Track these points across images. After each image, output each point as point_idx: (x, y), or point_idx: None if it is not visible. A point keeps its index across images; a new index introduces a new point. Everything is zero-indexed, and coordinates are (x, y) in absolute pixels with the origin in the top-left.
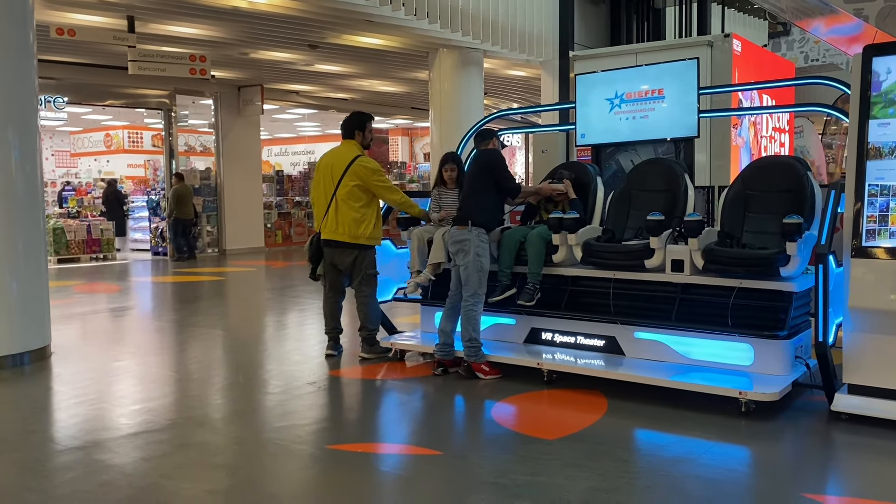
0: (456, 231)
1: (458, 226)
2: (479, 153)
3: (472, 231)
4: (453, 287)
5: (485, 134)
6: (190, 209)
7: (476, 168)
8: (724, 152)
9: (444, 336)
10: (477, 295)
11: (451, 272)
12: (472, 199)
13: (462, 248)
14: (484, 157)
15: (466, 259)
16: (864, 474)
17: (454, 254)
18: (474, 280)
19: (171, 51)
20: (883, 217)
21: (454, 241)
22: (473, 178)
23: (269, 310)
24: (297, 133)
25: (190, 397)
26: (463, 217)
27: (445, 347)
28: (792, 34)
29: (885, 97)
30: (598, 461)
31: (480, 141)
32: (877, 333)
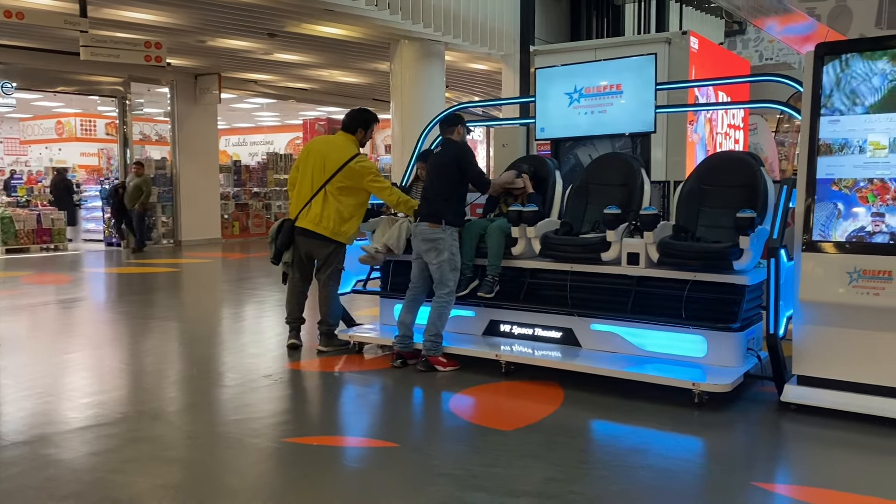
0: (427, 229)
1: (428, 223)
2: (446, 146)
3: (445, 230)
4: (415, 279)
5: (451, 120)
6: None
7: (443, 162)
8: (681, 148)
9: (405, 328)
10: (452, 293)
11: (413, 265)
12: (442, 195)
13: (435, 247)
14: (451, 151)
15: (440, 258)
16: (811, 463)
17: (424, 251)
18: (449, 278)
19: (126, 37)
20: (832, 212)
21: (425, 239)
22: (441, 173)
23: (226, 302)
24: (256, 123)
25: (143, 390)
26: (434, 215)
27: (405, 339)
28: (748, 33)
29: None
30: (554, 452)
31: (446, 128)
32: (826, 326)
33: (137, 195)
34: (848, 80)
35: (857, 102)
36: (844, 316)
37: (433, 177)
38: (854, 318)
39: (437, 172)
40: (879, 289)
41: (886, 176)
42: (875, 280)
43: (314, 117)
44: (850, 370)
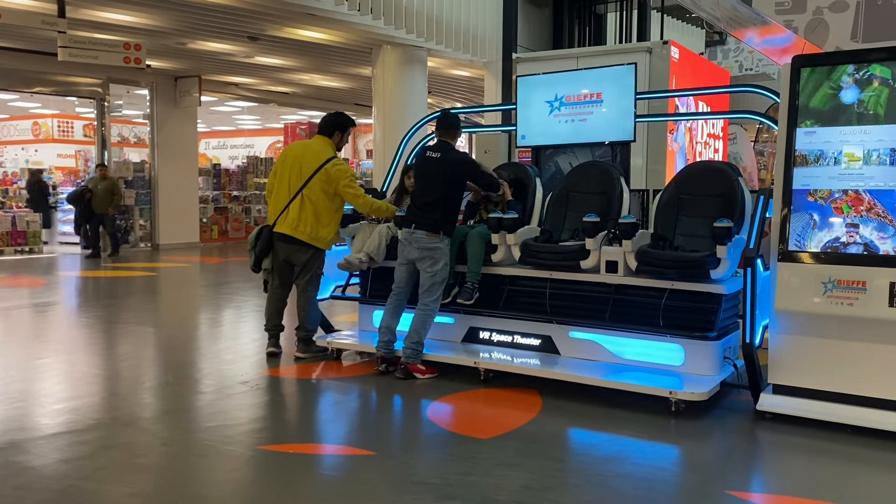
0: (426, 238)
1: (427, 232)
2: (446, 155)
3: (443, 240)
4: (402, 284)
5: (452, 122)
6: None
7: (445, 171)
8: (660, 157)
9: (389, 333)
10: (438, 301)
11: (398, 270)
12: (442, 205)
13: (432, 256)
14: (455, 161)
15: (435, 267)
16: (786, 472)
17: (418, 259)
18: (438, 288)
19: (105, 38)
20: (807, 222)
21: (422, 248)
22: (441, 182)
23: (203, 307)
24: (236, 126)
25: (117, 396)
26: (433, 225)
27: (389, 345)
28: (728, 43)
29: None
30: (531, 460)
31: (445, 130)
32: (801, 335)
33: (109, 199)
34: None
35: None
36: (819, 326)
37: (431, 184)
38: (829, 328)
39: (438, 181)
40: (853, 299)
41: (860, 187)
42: (849, 290)
43: (295, 121)
44: (825, 379)
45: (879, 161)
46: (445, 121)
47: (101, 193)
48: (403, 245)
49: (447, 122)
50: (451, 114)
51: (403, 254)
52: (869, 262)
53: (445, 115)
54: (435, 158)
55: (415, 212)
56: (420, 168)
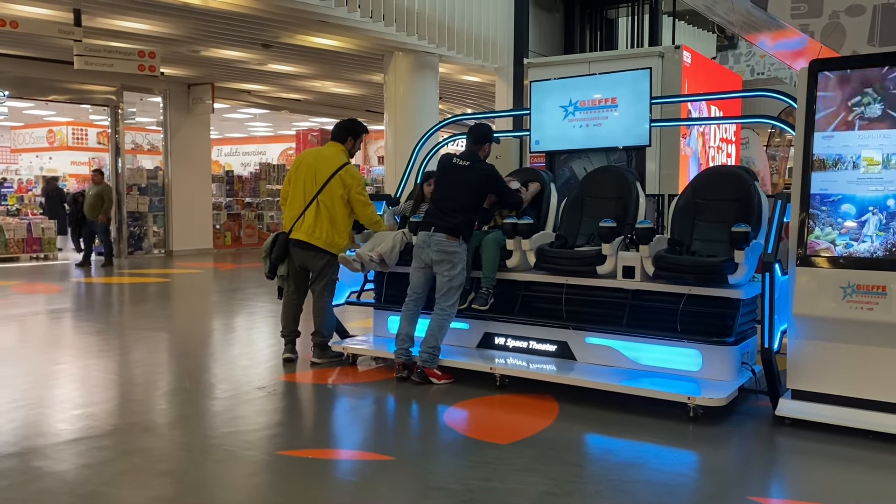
0: (446, 241)
1: (447, 235)
2: (474, 164)
3: (461, 244)
4: (418, 290)
5: (485, 133)
6: (109, 210)
7: (470, 179)
8: (673, 162)
9: (409, 340)
10: (455, 305)
11: (414, 274)
12: (463, 211)
13: (450, 260)
14: (481, 172)
15: (453, 271)
16: (806, 478)
17: (437, 262)
18: (455, 292)
19: (119, 46)
20: (826, 226)
21: (442, 251)
22: (465, 190)
23: (217, 313)
24: (249, 133)
25: (134, 402)
26: (455, 229)
27: (408, 352)
28: (739, 48)
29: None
30: (550, 466)
31: (476, 141)
32: (819, 340)
33: (99, 205)
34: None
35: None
36: (838, 330)
37: (454, 192)
38: (848, 333)
39: (460, 188)
40: (873, 304)
41: (880, 192)
42: (869, 295)
43: (307, 128)
44: (844, 385)
45: None
46: (479, 131)
47: (90, 199)
48: (421, 248)
49: (480, 132)
50: (485, 125)
51: (421, 257)
52: (889, 266)
53: (479, 126)
54: (463, 166)
55: (436, 214)
56: (446, 173)
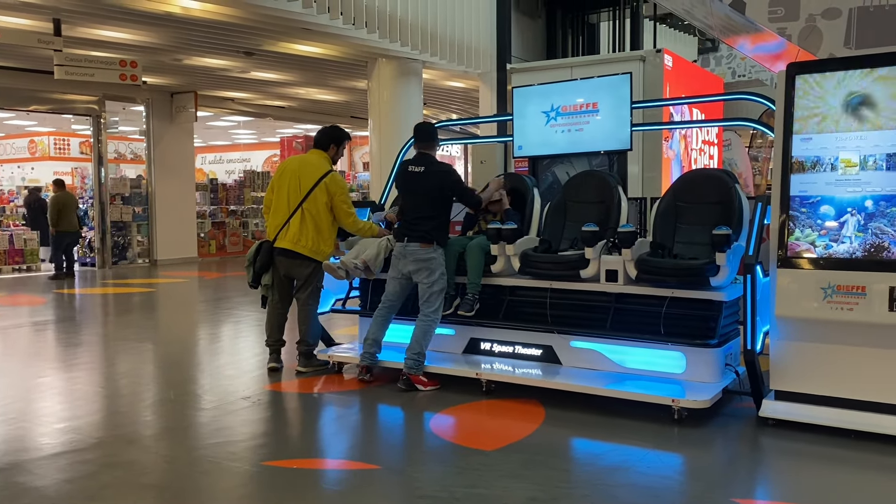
0: (420, 249)
1: (420, 244)
2: (429, 168)
3: (437, 250)
4: (393, 297)
5: (430, 132)
6: (73, 220)
7: (429, 185)
8: (656, 164)
9: (375, 345)
10: (439, 310)
11: (390, 283)
12: (431, 218)
13: (428, 267)
14: (437, 175)
15: (432, 277)
16: (791, 479)
17: (414, 271)
18: (437, 297)
19: (101, 55)
20: (806, 228)
21: (417, 260)
22: (427, 197)
23: (202, 322)
24: (232, 141)
25: (118, 414)
26: (427, 237)
27: (373, 356)
28: (720, 50)
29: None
30: (535, 471)
31: (424, 141)
32: (802, 341)
33: (55, 216)
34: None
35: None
36: (819, 331)
37: (417, 200)
38: (829, 334)
39: (423, 196)
40: (853, 304)
41: (858, 193)
42: (849, 295)
43: (292, 135)
44: (826, 385)
45: (876, 166)
46: (422, 132)
47: (49, 209)
48: (398, 259)
49: (424, 133)
50: (427, 124)
51: (398, 267)
52: (868, 266)
53: (421, 127)
54: (418, 172)
55: (406, 225)
56: (404, 183)
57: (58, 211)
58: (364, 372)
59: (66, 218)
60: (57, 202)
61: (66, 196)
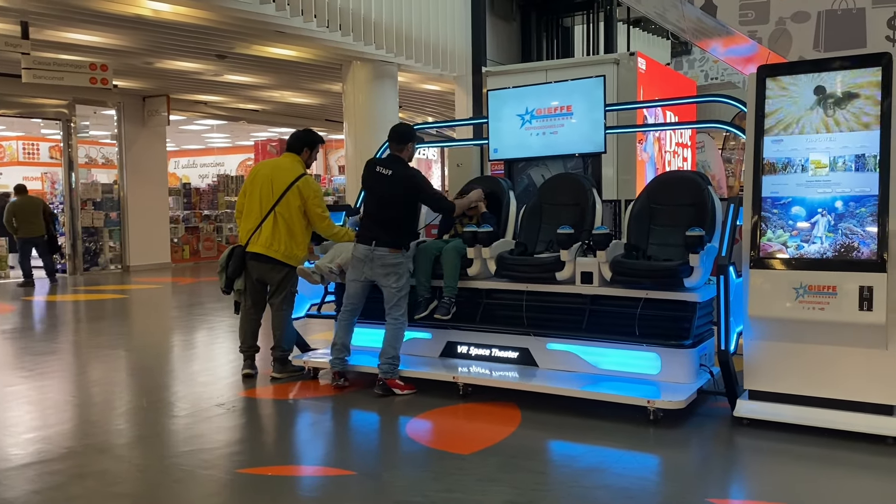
0: (388, 254)
1: (389, 248)
2: (396, 172)
3: (405, 255)
4: (355, 300)
5: (405, 134)
6: (36, 226)
7: (395, 191)
8: (630, 167)
9: (345, 350)
10: (405, 313)
11: (352, 286)
12: (398, 222)
13: (395, 272)
14: (402, 179)
15: (400, 282)
16: (765, 477)
17: (382, 276)
18: (404, 301)
19: (70, 59)
20: (778, 228)
21: (385, 265)
22: (393, 201)
23: (176, 329)
24: (206, 145)
25: (89, 423)
26: (397, 243)
27: (344, 361)
28: (693, 53)
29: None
30: (512, 474)
31: (397, 143)
32: (774, 341)
33: (9, 222)
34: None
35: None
36: (792, 331)
37: (385, 202)
38: (801, 333)
39: (389, 200)
40: (824, 303)
41: (828, 194)
42: (820, 295)
43: (266, 138)
44: (800, 384)
45: (845, 167)
46: (396, 133)
47: (5, 215)
48: (362, 262)
49: (398, 134)
50: (404, 125)
51: (362, 270)
52: (839, 266)
53: (399, 126)
54: (386, 175)
55: (372, 228)
56: (371, 183)
57: (13, 216)
58: (338, 377)
59: (26, 224)
60: (12, 208)
61: (25, 201)
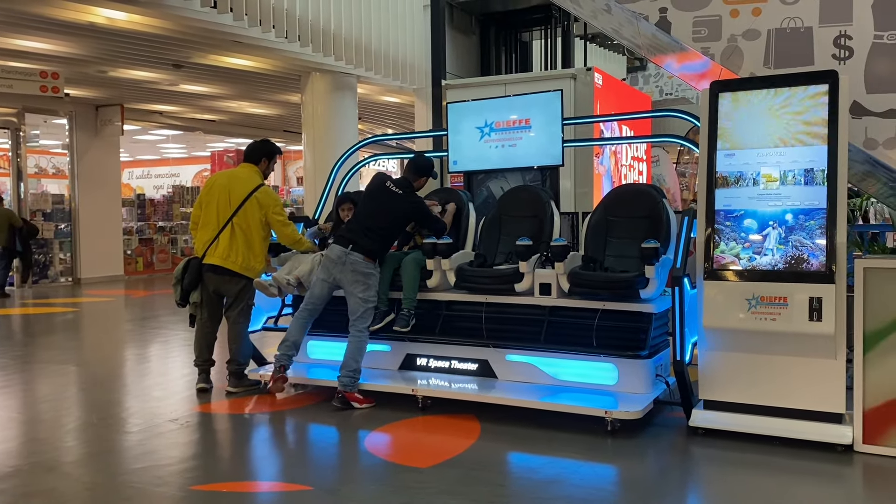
0: (363, 262)
1: (364, 256)
2: (407, 194)
3: (376, 267)
4: (317, 302)
5: (427, 168)
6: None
7: (399, 208)
8: (588, 180)
9: (294, 348)
10: (368, 326)
11: (318, 285)
12: (385, 235)
13: (365, 282)
14: (411, 204)
15: (368, 293)
16: (719, 487)
17: (351, 282)
18: (370, 313)
19: (20, 66)
20: (730, 241)
21: (357, 271)
22: (392, 217)
23: (129, 342)
24: (161, 155)
25: (37, 441)
26: (374, 252)
27: (290, 359)
28: (648, 69)
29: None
30: (471, 487)
31: (417, 174)
32: (728, 351)
33: None
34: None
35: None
36: (745, 341)
37: (383, 214)
38: (754, 343)
39: (388, 213)
40: (776, 314)
41: (779, 207)
42: (772, 306)
43: (223, 149)
44: (752, 393)
45: (795, 181)
46: (418, 164)
47: None
48: (334, 264)
49: (420, 165)
50: (429, 160)
51: (331, 272)
52: (789, 278)
53: (423, 159)
54: (396, 193)
55: (356, 231)
56: (377, 195)
57: None
58: (280, 371)
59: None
60: None
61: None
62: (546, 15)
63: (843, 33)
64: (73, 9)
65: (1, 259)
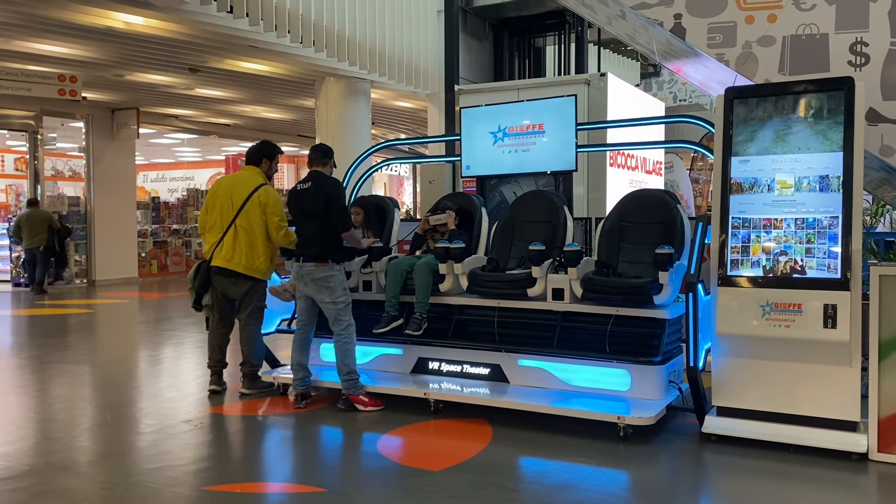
0: (315, 269)
1: (315, 263)
2: (318, 183)
3: (333, 268)
4: (303, 318)
5: (325, 151)
6: (40, 238)
7: (318, 204)
8: (601, 185)
9: (302, 370)
10: (349, 327)
11: (299, 302)
12: (325, 237)
13: (327, 286)
14: (322, 187)
15: (334, 296)
16: (732, 494)
17: (315, 291)
18: (344, 315)
19: (38, 70)
20: (745, 248)
21: (315, 280)
22: (316, 212)
23: (143, 344)
24: (176, 158)
25: (52, 440)
26: (321, 256)
27: (303, 381)
28: (662, 75)
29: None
30: (483, 491)
31: (320, 159)
32: (742, 357)
33: (16, 232)
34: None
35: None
36: (759, 348)
37: (305, 217)
38: (768, 350)
39: (307, 214)
40: (790, 321)
41: (794, 214)
42: (786, 313)
43: (237, 153)
44: (766, 400)
45: (810, 188)
46: (316, 150)
47: (41, 228)
48: (298, 279)
49: (318, 151)
50: (322, 144)
51: (300, 288)
52: (804, 284)
53: (316, 147)
54: (305, 190)
55: (300, 244)
56: (294, 203)
57: (17, 228)
58: (300, 399)
59: (30, 234)
60: (19, 219)
61: (29, 213)
62: (560, 20)
63: (860, 40)
64: (92, 13)
65: (42, 258)
